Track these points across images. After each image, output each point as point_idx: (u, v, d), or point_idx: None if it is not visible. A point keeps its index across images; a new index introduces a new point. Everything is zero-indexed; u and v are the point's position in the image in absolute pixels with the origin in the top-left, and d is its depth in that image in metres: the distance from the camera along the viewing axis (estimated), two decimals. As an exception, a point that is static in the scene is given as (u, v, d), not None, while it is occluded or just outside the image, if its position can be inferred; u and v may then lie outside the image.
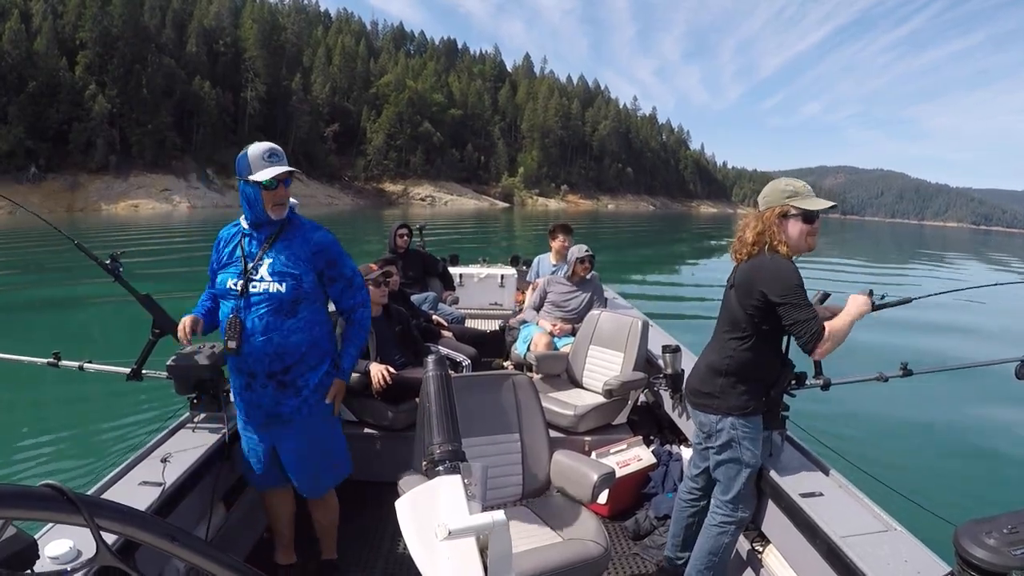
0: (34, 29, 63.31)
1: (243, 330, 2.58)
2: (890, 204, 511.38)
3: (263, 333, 2.59)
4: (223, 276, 2.65)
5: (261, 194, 2.55)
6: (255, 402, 2.70)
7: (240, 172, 2.57)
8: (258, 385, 2.66)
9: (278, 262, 2.60)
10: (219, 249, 2.72)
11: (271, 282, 2.58)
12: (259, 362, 2.62)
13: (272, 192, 2.56)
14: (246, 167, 2.54)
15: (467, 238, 34.88)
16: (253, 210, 2.60)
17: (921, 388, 8.15)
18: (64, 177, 59.47)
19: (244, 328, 2.58)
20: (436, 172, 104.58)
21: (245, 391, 2.70)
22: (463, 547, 1.13)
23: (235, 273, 2.62)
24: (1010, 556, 1.53)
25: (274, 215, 2.61)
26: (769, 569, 2.86)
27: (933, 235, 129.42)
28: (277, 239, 2.64)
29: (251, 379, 2.66)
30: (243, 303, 2.59)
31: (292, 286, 2.59)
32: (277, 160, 2.55)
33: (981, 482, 6.19)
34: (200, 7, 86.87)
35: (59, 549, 1.86)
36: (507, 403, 3.00)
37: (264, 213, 2.59)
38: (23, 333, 11.16)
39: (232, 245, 2.69)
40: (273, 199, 2.57)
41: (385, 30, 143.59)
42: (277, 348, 2.61)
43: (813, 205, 2.53)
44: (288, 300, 2.60)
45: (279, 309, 2.59)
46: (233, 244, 2.69)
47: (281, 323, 2.60)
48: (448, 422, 1.47)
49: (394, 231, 6.70)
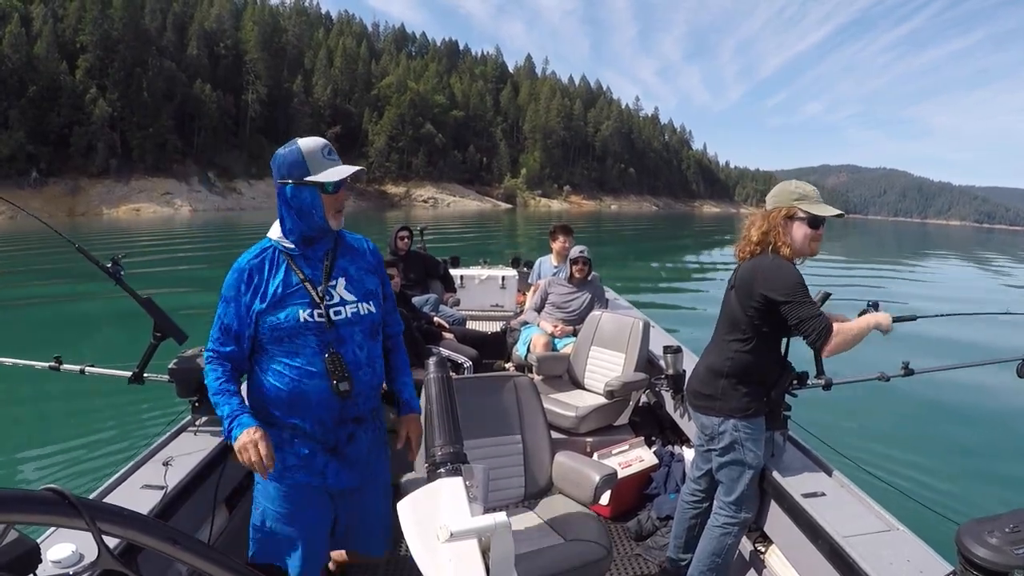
0: (34, 33, 63.51)
1: (347, 366, 2.10)
2: (893, 203, 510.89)
3: (368, 364, 2.19)
4: (286, 313, 2.06)
5: (321, 199, 2.04)
6: (354, 457, 2.24)
7: (287, 173, 2.04)
8: (365, 431, 2.25)
9: (352, 279, 2.20)
10: (251, 284, 2.09)
11: (357, 302, 2.17)
12: (368, 400, 2.23)
13: (334, 197, 2.07)
14: (299, 166, 2.02)
15: (469, 240, 34.80)
16: (307, 220, 2.08)
17: (923, 387, 8.07)
18: (65, 181, 59.53)
19: (347, 363, 2.11)
20: (438, 174, 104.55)
21: (348, 445, 2.21)
22: (465, 549, 1.12)
23: (305, 304, 2.08)
24: (1012, 555, 1.52)
25: (334, 224, 2.10)
26: (772, 570, 2.85)
27: (937, 234, 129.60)
28: (337, 253, 2.20)
29: (358, 426, 2.22)
30: (333, 336, 2.10)
31: (377, 304, 2.24)
32: (336, 157, 2.09)
33: (983, 481, 6.16)
34: (201, 10, 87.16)
35: (62, 553, 1.85)
36: (508, 404, 2.98)
37: (324, 222, 2.08)
38: (24, 337, 11.10)
39: (275, 273, 2.11)
40: (335, 204, 2.08)
41: (386, 32, 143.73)
42: (380, 378, 2.29)
43: (821, 211, 2.51)
44: (378, 321, 2.25)
45: (373, 332, 2.22)
46: (277, 272, 2.11)
47: (376, 348, 2.25)
48: (449, 424, 1.47)
49: (395, 233, 6.69)
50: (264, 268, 2.11)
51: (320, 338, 2.08)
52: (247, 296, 2.08)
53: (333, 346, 2.08)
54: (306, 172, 2.01)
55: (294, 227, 2.09)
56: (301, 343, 2.07)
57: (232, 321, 2.09)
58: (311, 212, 2.05)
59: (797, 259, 2.55)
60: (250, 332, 2.09)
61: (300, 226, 2.09)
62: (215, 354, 2.11)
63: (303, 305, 2.07)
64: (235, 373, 2.15)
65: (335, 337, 2.09)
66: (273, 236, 2.14)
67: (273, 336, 2.08)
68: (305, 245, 2.13)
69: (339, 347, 2.09)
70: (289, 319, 2.05)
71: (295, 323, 2.05)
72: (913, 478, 5.74)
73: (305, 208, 2.05)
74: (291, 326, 2.06)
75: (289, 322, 2.05)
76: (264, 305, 2.06)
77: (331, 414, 2.14)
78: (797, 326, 2.41)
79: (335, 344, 2.09)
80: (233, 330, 2.10)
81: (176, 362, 3.02)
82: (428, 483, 1.32)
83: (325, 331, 2.08)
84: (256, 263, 2.11)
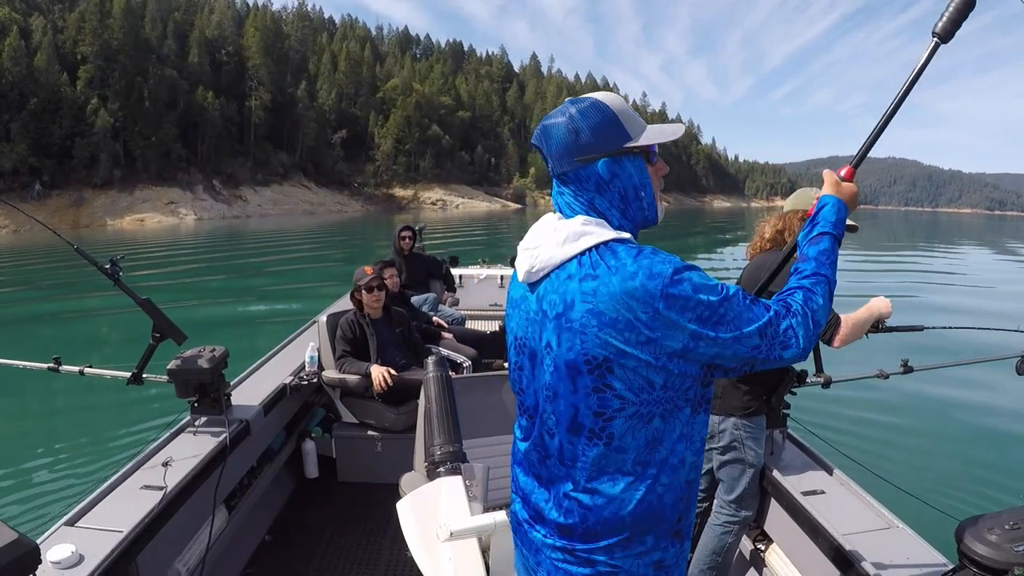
0: (34, 45, 62.87)
1: None
2: (903, 192, 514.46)
3: None
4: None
5: (648, 173, 1.32)
6: None
7: (599, 141, 1.27)
8: None
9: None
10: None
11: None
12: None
13: (657, 169, 1.35)
14: (616, 128, 1.28)
15: (477, 241, 35.25)
16: (635, 206, 1.32)
17: (922, 385, 8.24)
18: (68, 194, 58.76)
19: None
20: (446, 175, 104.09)
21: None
22: (465, 548, 1.18)
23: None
24: (1012, 552, 1.54)
25: (661, 211, 1.38)
26: (772, 568, 2.84)
27: (948, 222, 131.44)
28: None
29: None
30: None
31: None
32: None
33: (983, 478, 6.19)
34: (201, 17, 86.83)
35: (61, 554, 1.94)
36: (508, 403, 2.99)
37: (655, 208, 1.36)
38: (25, 341, 11.71)
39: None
40: (659, 181, 1.36)
41: (390, 35, 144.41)
42: None
43: None
44: None
45: None
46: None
47: None
48: (449, 423, 1.51)
49: (397, 233, 6.79)
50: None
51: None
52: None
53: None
54: (626, 136, 1.29)
55: (632, 217, 1.34)
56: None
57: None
58: (639, 196, 1.33)
59: None
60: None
61: (634, 214, 1.33)
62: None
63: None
64: None
65: None
66: (605, 236, 1.26)
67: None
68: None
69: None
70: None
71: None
72: (913, 475, 5.75)
73: (631, 192, 1.32)
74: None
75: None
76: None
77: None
78: None
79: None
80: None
81: (175, 363, 3.03)
82: (428, 482, 1.36)
83: None
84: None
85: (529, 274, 1.30)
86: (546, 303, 1.27)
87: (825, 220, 1.47)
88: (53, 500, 5.37)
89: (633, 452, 1.24)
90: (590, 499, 1.27)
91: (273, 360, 4.41)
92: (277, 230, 48.05)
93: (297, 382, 4.06)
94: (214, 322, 13.29)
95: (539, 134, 1.33)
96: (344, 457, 4.28)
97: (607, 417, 1.22)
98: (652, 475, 1.26)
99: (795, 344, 1.26)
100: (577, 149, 1.28)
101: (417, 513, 1.23)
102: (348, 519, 3.79)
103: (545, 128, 1.32)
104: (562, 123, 1.29)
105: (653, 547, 1.30)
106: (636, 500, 1.25)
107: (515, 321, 1.38)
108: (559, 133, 1.29)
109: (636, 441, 1.23)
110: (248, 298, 17.18)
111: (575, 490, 1.28)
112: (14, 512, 5.19)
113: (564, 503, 1.30)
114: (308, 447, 4.29)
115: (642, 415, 1.22)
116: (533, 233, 1.33)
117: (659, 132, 1.32)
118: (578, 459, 1.27)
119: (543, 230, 1.31)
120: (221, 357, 3.10)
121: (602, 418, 1.22)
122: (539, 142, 1.33)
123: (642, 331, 1.17)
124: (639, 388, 1.20)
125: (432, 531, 1.16)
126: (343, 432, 4.30)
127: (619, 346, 1.18)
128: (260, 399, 3.57)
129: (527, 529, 1.39)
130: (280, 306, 15.58)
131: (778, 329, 1.25)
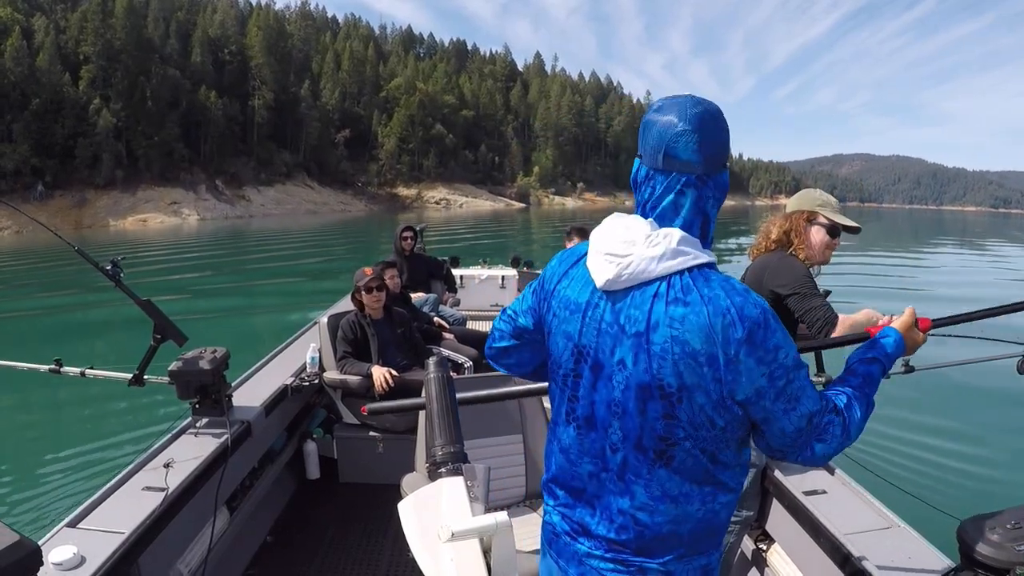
0: (36, 45, 62.83)
1: None
2: (907, 190, 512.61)
3: None
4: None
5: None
6: None
7: (722, 151, 1.25)
8: None
9: None
10: None
11: None
12: None
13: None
14: (728, 141, 1.28)
15: (483, 242, 34.69)
16: (708, 228, 1.31)
17: (923, 384, 7.89)
18: (71, 194, 58.74)
19: None
20: (450, 174, 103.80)
21: None
22: (466, 549, 1.17)
23: None
24: (1014, 551, 1.54)
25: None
26: (774, 568, 2.84)
27: (952, 219, 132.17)
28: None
29: None
30: None
31: None
32: None
33: (984, 478, 6.23)
34: (204, 17, 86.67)
35: (63, 556, 1.95)
36: (509, 404, 3.03)
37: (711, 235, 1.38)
38: (27, 343, 11.70)
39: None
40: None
41: (394, 34, 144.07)
42: None
43: (841, 220, 2.62)
44: None
45: None
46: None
47: None
48: (450, 423, 1.50)
49: (398, 233, 6.79)
50: None
51: None
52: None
53: None
54: (728, 152, 1.32)
55: (707, 234, 1.30)
56: None
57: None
58: (710, 219, 1.31)
59: (809, 264, 2.62)
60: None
61: (708, 231, 1.30)
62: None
63: None
64: None
65: None
66: (701, 258, 1.23)
67: None
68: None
69: None
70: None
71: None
72: (914, 475, 5.90)
73: (712, 212, 1.29)
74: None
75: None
76: None
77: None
78: (803, 317, 2.46)
79: None
80: None
81: (176, 364, 3.03)
82: (429, 483, 1.36)
83: None
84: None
85: (611, 282, 1.22)
86: (623, 317, 1.22)
87: (883, 351, 1.48)
88: (55, 502, 5.39)
89: (692, 475, 1.24)
90: (648, 517, 1.26)
91: (274, 361, 4.41)
92: (280, 230, 48.09)
93: (298, 383, 4.06)
94: (215, 323, 13.33)
95: (656, 120, 1.24)
96: (345, 458, 4.28)
97: (671, 443, 1.21)
98: (710, 496, 1.26)
99: (828, 441, 1.27)
100: (723, 155, 1.25)
101: (418, 514, 1.24)
102: (349, 520, 3.79)
103: (664, 117, 1.23)
104: (710, 123, 1.22)
105: (702, 554, 1.32)
106: (695, 520, 1.27)
107: (574, 327, 1.30)
108: (691, 125, 1.21)
109: (696, 467, 1.24)
110: (250, 299, 17.20)
111: (632, 507, 1.27)
112: (16, 514, 5.20)
113: (618, 519, 1.29)
114: (309, 448, 4.29)
115: (703, 449, 1.22)
116: (617, 236, 1.24)
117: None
118: (641, 477, 1.26)
119: (633, 237, 1.22)
120: (222, 358, 3.10)
121: (666, 443, 1.22)
122: (654, 127, 1.24)
123: (719, 368, 1.15)
124: (700, 424, 1.20)
125: (433, 532, 1.16)
126: (344, 433, 4.30)
127: (695, 380, 1.16)
128: (261, 400, 3.57)
129: (568, 541, 1.38)
130: (282, 307, 15.60)
131: (822, 420, 1.25)
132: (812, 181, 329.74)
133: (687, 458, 1.23)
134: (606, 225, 1.29)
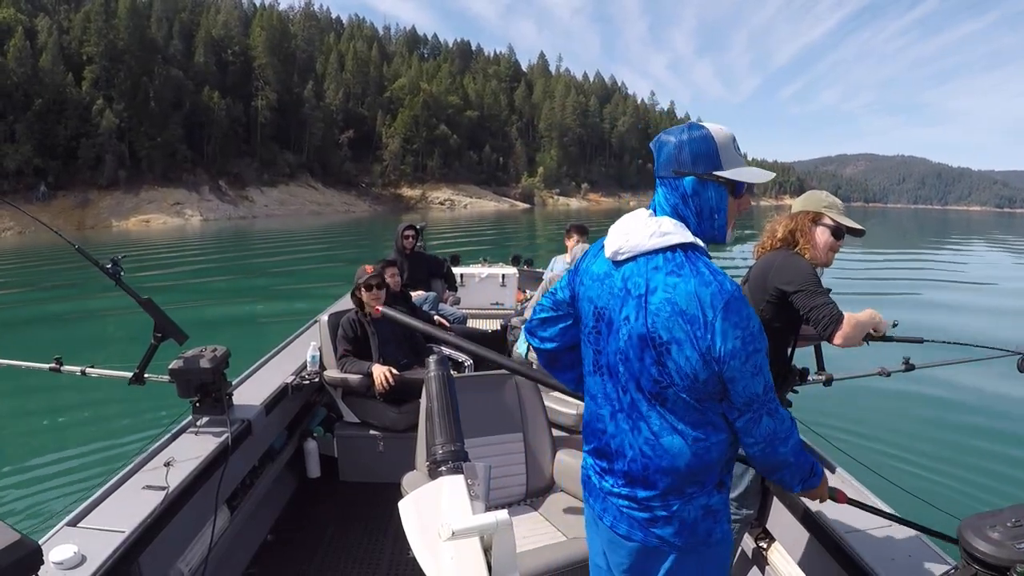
0: (39, 46, 62.90)
1: None
2: (912, 190, 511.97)
3: None
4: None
5: (728, 203, 1.60)
6: None
7: (690, 162, 1.56)
8: None
9: None
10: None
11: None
12: None
13: (739, 202, 1.62)
14: (709, 157, 1.55)
15: (486, 241, 35.25)
16: (705, 224, 1.61)
17: (924, 382, 8.07)
18: (74, 195, 58.78)
19: None
20: (454, 175, 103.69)
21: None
22: (467, 547, 1.18)
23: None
24: (1015, 550, 1.55)
25: (730, 236, 1.66)
26: (774, 567, 2.84)
27: (957, 219, 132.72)
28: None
29: None
30: None
31: None
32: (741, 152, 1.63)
33: (985, 476, 6.23)
34: (207, 17, 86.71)
35: (63, 555, 1.95)
36: (509, 402, 3.08)
37: (723, 232, 1.63)
38: (28, 342, 11.81)
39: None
40: (737, 213, 1.65)
41: (398, 35, 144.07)
42: None
43: (846, 222, 2.63)
44: None
45: None
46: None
47: None
48: (450, 422, 1.55)
49: (400, 232, 6.81)
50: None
51: None
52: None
53: None
54: (717, 165, 1.57)
55: (703, 231, 1.62)
56: None
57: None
58: (712, 216, 1.61)
59: (813, 264, 2.61)
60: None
61: (705, 229, 1.63)
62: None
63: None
64: None
65: None
66: (686, 238, 1.56)
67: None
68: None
69: None
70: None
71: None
72: (914, 473, 5.92)
73: (706, 210, 1.61)
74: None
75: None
76: None
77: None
78: (809, 313, 2.46)
79: None
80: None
81: (177, 362, 3.04)
82: (429, 481, 1.38)
83: None
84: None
85: (616, 253, 1.57)
86: (631, 283, 1.54)
87: (804, 473, 1.73)
88: (55, 500, 5.40)
89: (684, 417, 1.53)
90: (651, 450, 1.55)
91: (274, 360, 4.40)
92: (283, 231, 48.11)
93: (299, 382, 4.06)
94: (216, 322, 13.37)
95: (656, 142, 1.63)
96: (346, 456, 4.28)
97: (664, 386, 1.51)
98: (702, 436, 1.55)
99: (776, 420, 1.57)
100: (676, 163, 1.57)
101: (419, 512, 1.25)
102: (350, 518, 3.79)
103: (661, 139, 1.61)
104: (673, 140, 1.58)
105: (701, 493, 1.59)
106: (690, 454, 1.54)
107: (594, 292, 1.65)
108: (669, 146, 1.58)
109: (687, 409, 1.53)
110: (250, 298, 17.25)
111: (640, 441, 1.57)
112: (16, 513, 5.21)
113: (629, 452, 1.59)
114: (310, 447, 4.29)
115: (690, 396, 1.51)
116: (626, 221, 1.61)
117: (747, 173, 1.57)
118: (644, 414, 1.56)
119: (636, 221, 1.58)
120: (223, 357, 3.11)
121: (659, 386, 1.51)
122: (654, 147, 1.63)
123: (699, 327, 1.44)
124: (685, 375, 1.48)
125: (434, 530, 1.17)
126: (345, 431, 4.29)
127: (681, 334, 1.46)
128: (262, 399, 3.57)
129: (597, 480, 1.69)
130: (283, 306, 15.64)
131: (774, 397, 1.55)
132: (816, 181, 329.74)
133: (678, 401, 1.52)
134: (621, 218, 1.64)
